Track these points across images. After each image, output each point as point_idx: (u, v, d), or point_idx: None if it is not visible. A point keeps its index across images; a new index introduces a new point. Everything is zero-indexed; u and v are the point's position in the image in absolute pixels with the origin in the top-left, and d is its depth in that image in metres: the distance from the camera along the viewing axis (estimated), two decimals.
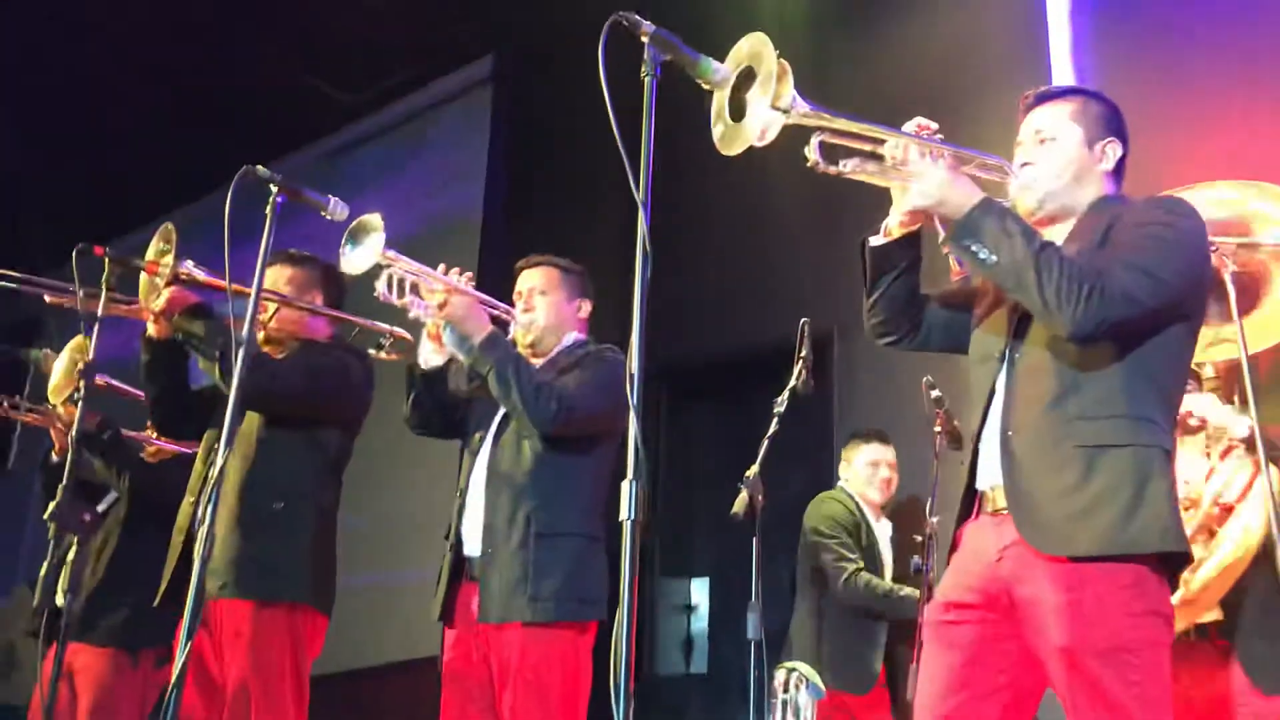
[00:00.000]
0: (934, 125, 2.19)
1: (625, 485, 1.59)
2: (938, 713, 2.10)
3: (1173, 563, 2.06)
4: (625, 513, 1.59)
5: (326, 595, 3.06)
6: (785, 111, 1.94)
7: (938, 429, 3.45)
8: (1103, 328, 2.03)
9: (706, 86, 1.94)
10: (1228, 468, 2.84)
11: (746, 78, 1.95)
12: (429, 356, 3.03)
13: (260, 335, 3.17)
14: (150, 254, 2.94)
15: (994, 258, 2.08)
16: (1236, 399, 2.89)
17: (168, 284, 2.91)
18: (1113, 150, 2.28)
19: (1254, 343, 2.70)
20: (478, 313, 2.93)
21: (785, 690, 3.23)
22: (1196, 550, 2.68)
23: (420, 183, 7.20)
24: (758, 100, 1.93)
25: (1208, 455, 2.88)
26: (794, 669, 3.28)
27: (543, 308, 3.12)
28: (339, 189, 7.78)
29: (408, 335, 3.25)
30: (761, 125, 1.92)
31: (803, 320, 3.55)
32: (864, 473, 4.14)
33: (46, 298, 3.30)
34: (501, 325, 3.04)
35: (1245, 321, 2.70)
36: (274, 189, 2.39)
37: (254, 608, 2.91)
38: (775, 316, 3.70)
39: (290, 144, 8.18)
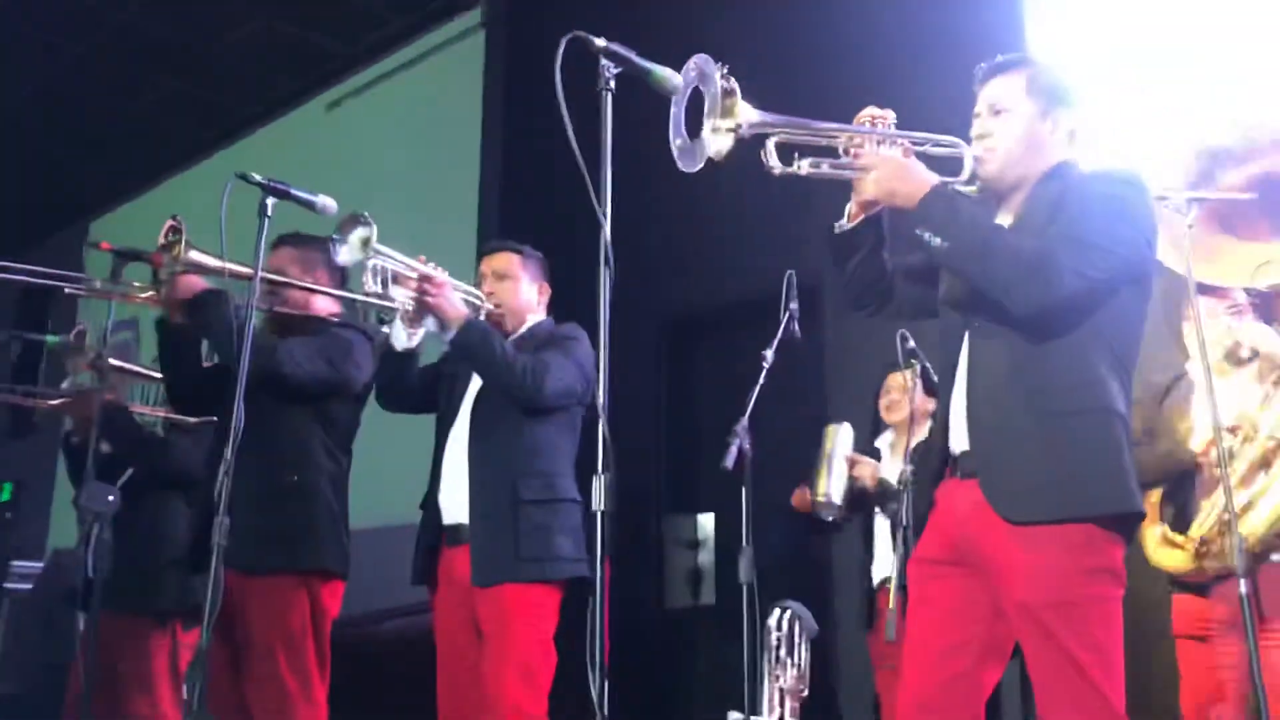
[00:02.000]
0: (888, 114, 2.28)
1: (595, 480, 1.74)
2: (923, 661, 2.26)
3: (1127, 522, 2.18)
4: (596, 503, 1.74)
5: (341, 559, 3.22)
6: (735, 129, 2.05)
7: (911, 383, 3.56)
8: (1051, 306, 2.14)
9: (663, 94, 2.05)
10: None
11: (696, 94, 2.05)
12: (402, 338, 3.19)
13: (270, 317, 3.32)
14: (159, 243, 3.04)
15: (942, 242, 2.18)
16: None
17: (178, 272, 3.01)
18: (1065, 119, 2.35)
19: None
20: (454, 298, 3.07)
21: (779, 630, 3.38)
22: (1259, 481, 2.73)
23: (415, 133, 7.25)
24: (710, 121, 2.04)
25: (1261, 383, 2.85)
26: (788, 608, 3.43)
27: (506, 291, 3.30)
28: (335, 142, 7.88)
29: (409, 308, 3.39)
30: (716, 146, 2.03)
31: (788, 272, 3.68)
32: (881, 402, 4.28)
33: (66, 289, 3.43)
34: (471, 308, 3.19)
35: None
36: (263, 193, 2.50)
37: (274, 576, 3.08)
38: (773, 262, 3.82)
39: (286, 99, 8.24)
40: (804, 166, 2.22)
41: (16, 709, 4.47)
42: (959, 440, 2.29)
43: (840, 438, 3.81)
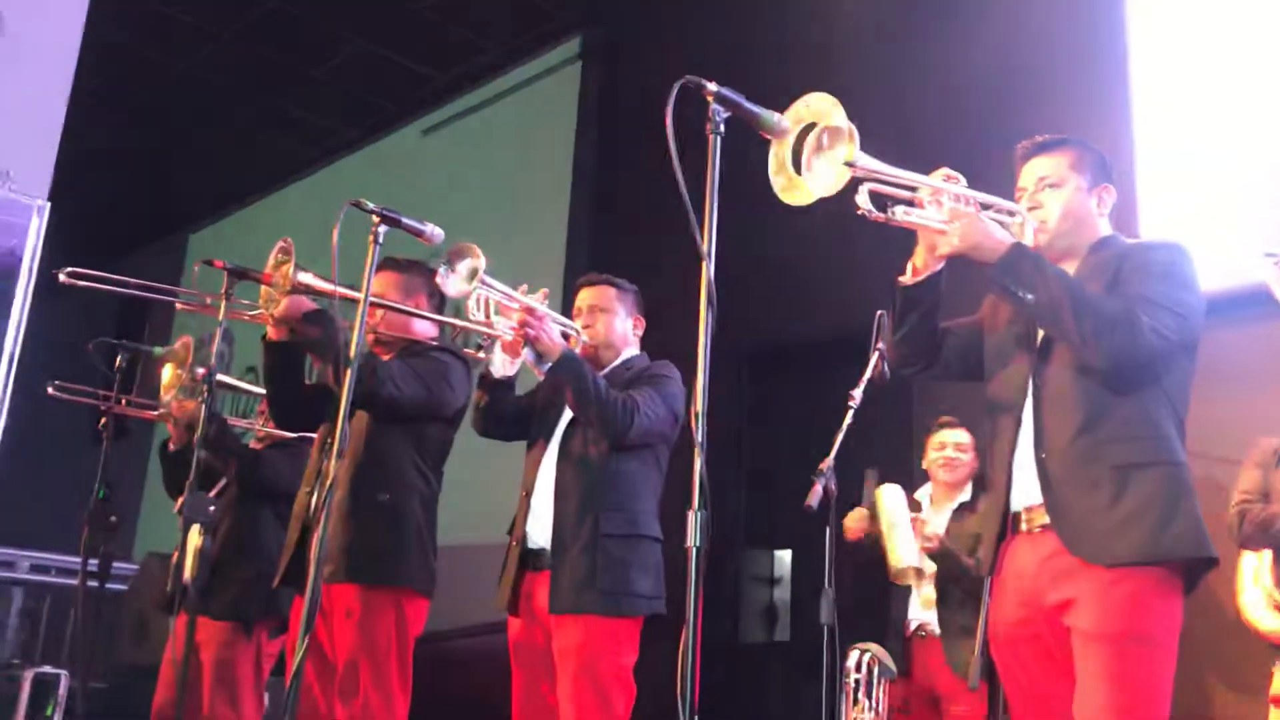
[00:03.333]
0: (959, 176, 2.38)
1: (690, 515, 1.76)
2: (1032, 705, 2.35)
3: (1196, 569, 2.27)
4: (691, 539, 1.76)
5: (427, 578, 3.28)
6: (851, 167, 2.09)
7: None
8: (1134, 359, 2.25)
9: (767, 138, 2.08)
10: None
11: (808, 131, 2.09)
12: (501, 367, 3.25)
13: (369, 338, 3.41)
14: (269, 264, 3.13)
15: (1031, 296, 2.27)
16: None
17: (286, 292, 3.10)
18: (1108, 196, 2.51)
19: None
20: (553, 331, 3.13)
21: (858, 671, 3.36)
22: None
23: (508, 161, 7.37)
24: (826, 157, 2.08)
25: None
26: (867, 650, 3.41)
27: (602, 324, 3.35)
28: (430, 167, 8.05)
29: (506, 336, 3.46)
30: (829, 182, 2.07)
31: (879, 313, 3.67)
32: (932, 456, 4.27)
33: (178, 304, 3.55)
34: (565, 339, 3.24)
35: None
36: (375, 220, 2.58)
37: (362, 591, 3.15)
38: (858, 300, 3.82)
39: (383, 123, 8.42)
40: (898, 214, 2.29)
41: (105, 707, 4.60)
42: (1025, 496, 2.36)
43: (896, 502, 3.79)
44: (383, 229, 2.60)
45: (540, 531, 3.17)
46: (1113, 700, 2.14)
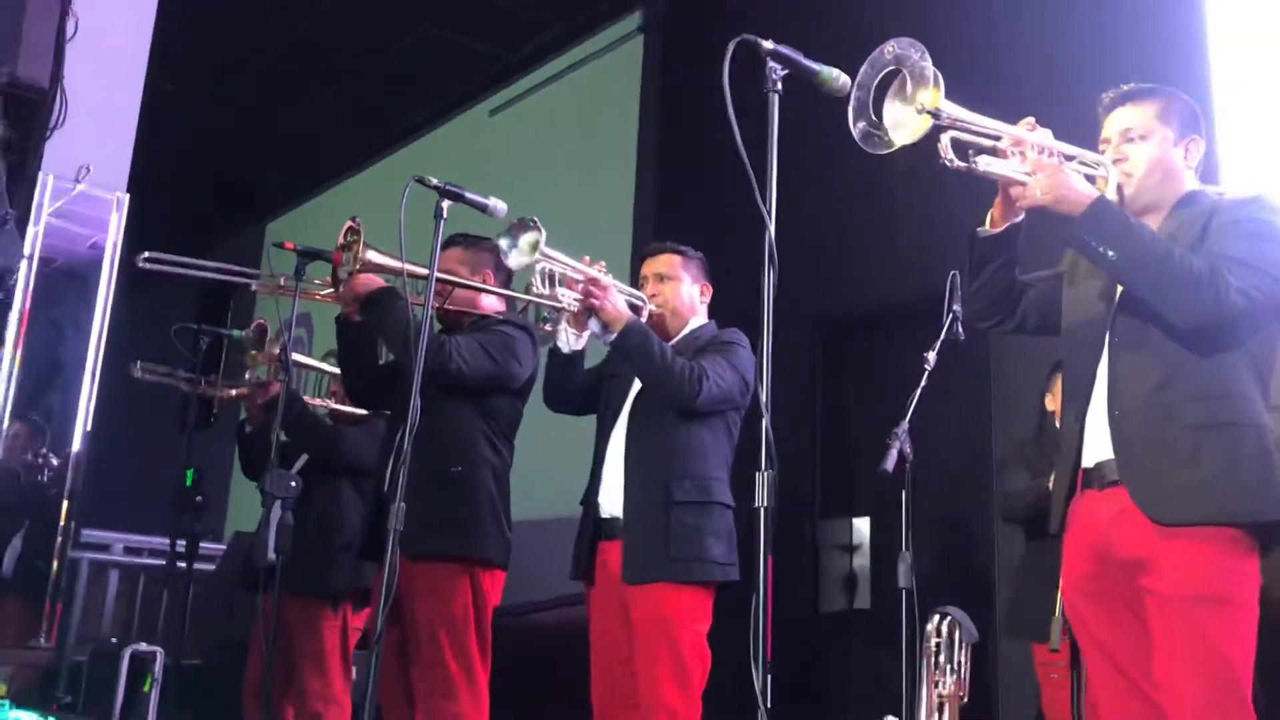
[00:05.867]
0: (1044, 128, 2.31)
1: (759, 476, 1.76)
2: (1103, 673, 2.31)
3: (1273, 531, 2.21)
4: (760, 499, 1.76)
5: (503, 549, 3.31)
6: (936, 115, 2.06)
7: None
8: (1218, 320, 2.19)
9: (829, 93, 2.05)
10: None
11: (889, 79, 2.06)
12: (568, 341, 3.26)
13: (437, 314, 3.45)
14: (339, 243, 3.17)
15: (1113, 253, 2.22)
16: None
17: (356, 271, 3.13)
18: (1195, 148, 2.43)
19: None
20: (618, 301, 3.13)
21: (938, 635, 3.33)
22: None
23: (574, 136, 7.39)
24: (909, 103, 2.05)
25: None
26: (948, 614, 3.38)
27: (668, 291, 3.34)
28: (497, 146, 8.10)
29: (572, 308, 3.48)
30: (912, 128, 2.04)
31: (952, 273, 3.62)
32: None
33: (253, 286, 3.63)
34: (634, 309, 3.23)
35: None
36: (439, 196, 2.60)
37: (440, 563, 3.19)
38: (934, 263, 3.77)
39: (451, 105, 8.49)
40: (980, 163, 2.23)
41: (199, 682, 4.74)
42: (1097, 451, 2.32)
43: None
44: (446, 204, 2.62)
45: (612, 501, 3.19)
46: (1192, 661, 2.10)
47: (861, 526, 5.46)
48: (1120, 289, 2.35)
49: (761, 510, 1.75)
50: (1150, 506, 2.19)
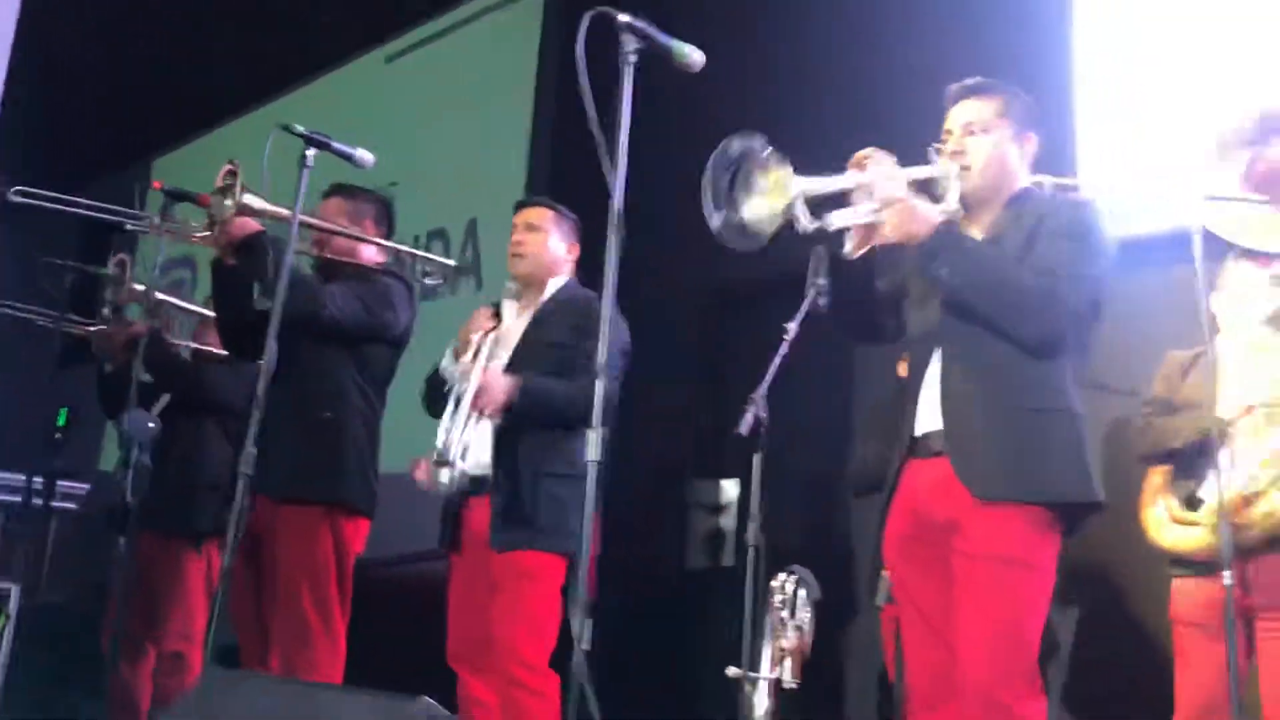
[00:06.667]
0: (882, 155, 2.43)
1: (590, 433, 1.85)
2: (914, 626, 2.51)
3: (1081, 511, 2.40)
4: (590, 455, 1.85)
5: (367, 497, 3.35)
6: (790, 208, 2.22)
7: None
8: (1054, 339, 2.37)
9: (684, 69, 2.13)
10: None
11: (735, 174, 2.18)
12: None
13: (318, 263, 3.49)
14: (216, 186, 3.15)
15: (955, 279, 2.37)
16: None
17: (232, 215, 3.12)
18: (1030, 145, 2.57)
19: None
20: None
21: (783, 592, 3.46)
22: None
23: (472, 89, 7.35)
24: (765, 195, 2.24)
25: None
26: (794, 572, 3.51)
27: (535, 242, 3.39)
28: (393, 94, 7.94)
29: (450, 263, 3.53)
30: (773, 219, 2.24)
31: (816, 248, 3.74)
32: None
33: (126, 225, 3.59)
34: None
35: None
36: (305, 144, 2.63)
37: (301, 506, 3.23)
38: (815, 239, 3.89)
39: (347, 50, 8.37)
40: (833, 221, 2.37)
41: (61, 619, 4.71)
42: (926, 423, 2.48)
43: None
44: (312, 152, 2.65)
45: (478, 460, 3.22)
46: (989, 616, 2.27)
47: (730, 488, 5.61)
48: None
49: (590, 464, 1.84)
50: (970, 480, 2.34)
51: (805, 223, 2.30)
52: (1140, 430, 3.13)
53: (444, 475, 3.00)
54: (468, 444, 3.07)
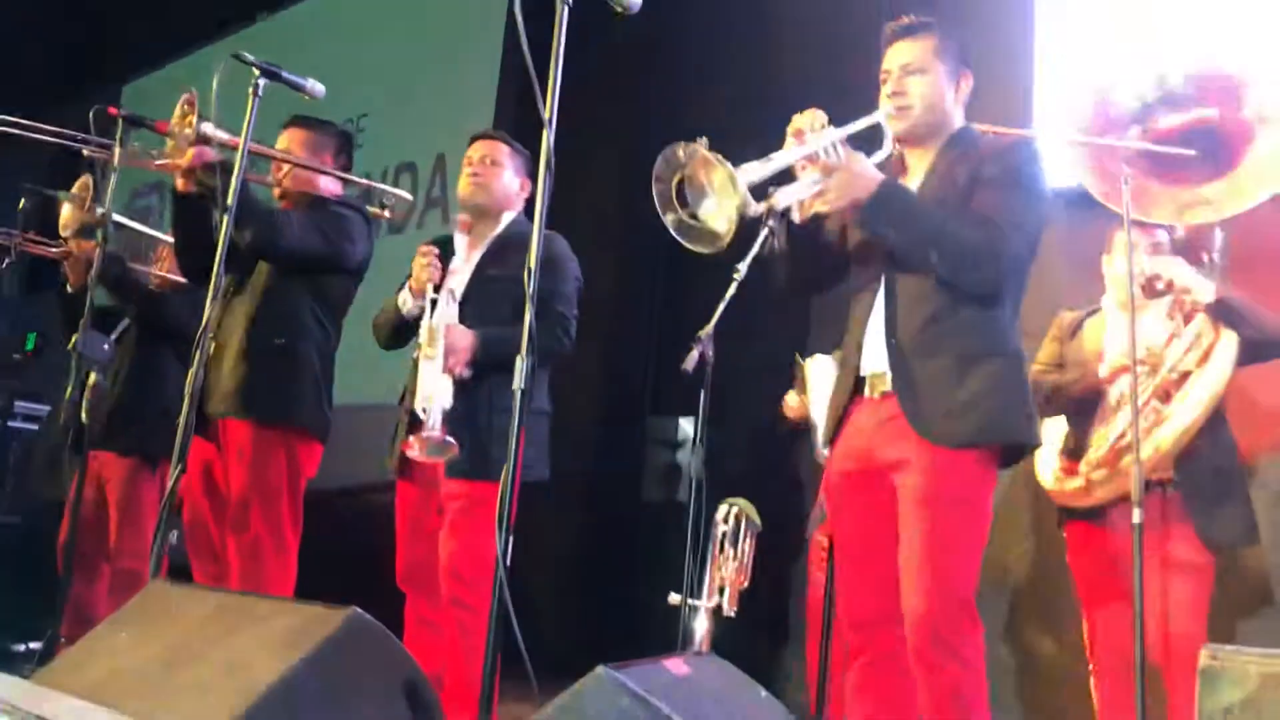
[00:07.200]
0: (818, 115, 2.48)
1: (519, 360, 1.92)
2: (851, 555, 2.57)
3: (1022, 451, 2.51)
4: (518, 383, 1.93)
5: (321, 422, 3.41)
6: (744, 207, 2.25)
7: None
8: (995, 288, 2.43)
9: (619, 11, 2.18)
10: (1190, 332, 3.00)
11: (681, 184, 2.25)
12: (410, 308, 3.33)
13: (277, 192, 3.53)
14: (174, 117, 3.17)
15: (897, 236, 2.43)
16: (1206, 261, 3.05)
17: (191, 144, 3.15)
18: (965, 84, 2.61)
19: (1230, 204, 2.74)
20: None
21: (725, 523, 3.57)
22: (1158, 410, 2.95)
23: (441, 23, 7.31)
24: (713, 198, 2.27)
25: (1170, 319, 3.04)
26: (734, 504, 3.61)
27: (490, 175, 3.39)
28: (362, 25, 7.84)
29: (408, 196, 3.57)
30: (729, 216, 2.25)
31: (771, 189, 3.80)
32: None
33: (85, 152, 3.61)
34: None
35: (1222, 182, 2.72)
36: (256, 72, 2.66)
37: (254, 428, 3.28)
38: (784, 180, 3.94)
39: None
40: (779, 200, 2.45)
41: (17, 537, 4.79)
42: (872, 364, 2.53)
43: (821, 376, 3.97)
44: (263, 82, 2.68)
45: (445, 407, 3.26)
46: (934, 554, 2.34)
47: (687, 425, 5.72)
48: None
49: (516, 392, 1.91)
50: (919, 424, 2.40)
51: (753, 208, 2.34)
52: (1034, 386, 3.25)
53: (434, 449, 3.04)
54: (443, 406, 3.11)
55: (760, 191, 2.40)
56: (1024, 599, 4.25)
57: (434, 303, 3.21)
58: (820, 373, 4.04)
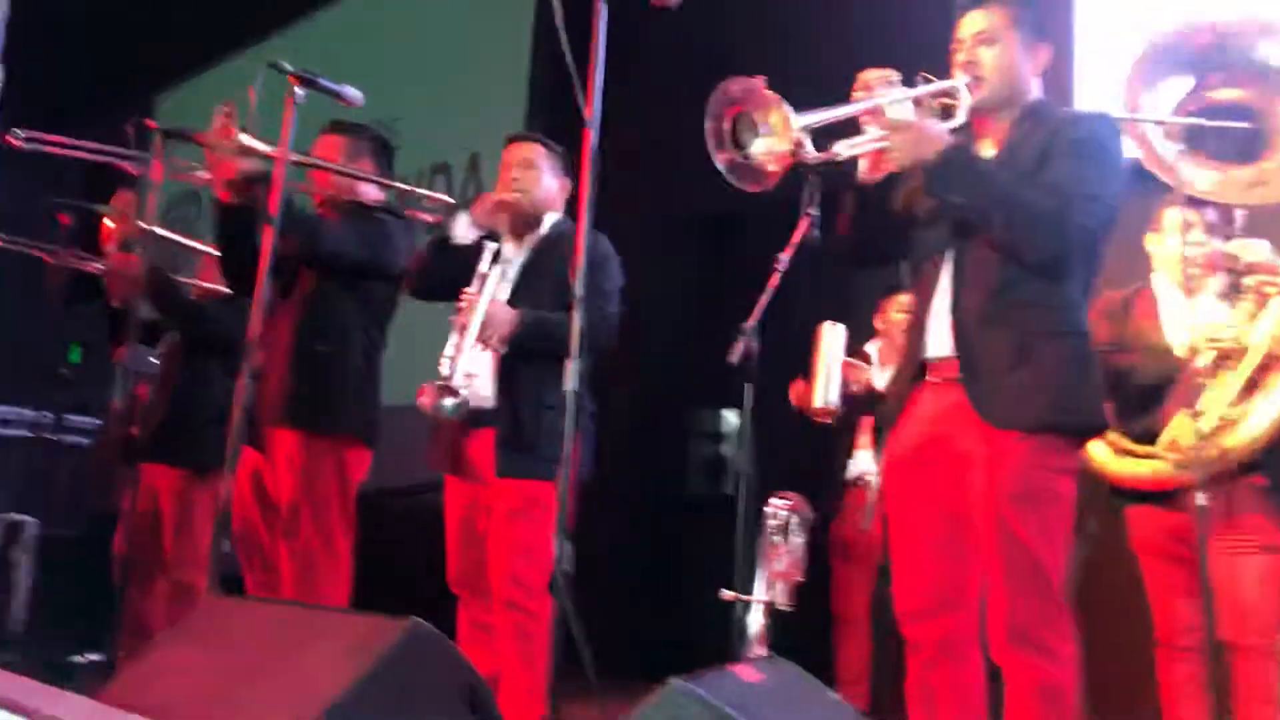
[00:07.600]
0: (890, 73, 2.40)
1: (568, 364, 1.91)
2: (909, 544, 2.49)
3: (1090, 434, 2.46)
4: (570, 384, 1.91)
5: (370, 429, 3.42)
6: (799, 145, 2.22)
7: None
8: (1064, 257, 2.34)
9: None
10: (1273, 315, 2.89)
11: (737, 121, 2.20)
12: (463, 234, 3.27)
13: (316, 199, 3.54)
14: (214, 128, 3.16)
15: (963, 201, 2.35)
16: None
17: (232, 154, 3.14)
18: (1042, 54, 2.53)
19: None
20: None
21: (775, 518, 3.53)
22: (1246, 396, 2.86)
23: (472, 23, 7.31)
24: (768, 133, 2.23)
25: (1227, 300, 2.94)
26: (786, 499, 3.57)
27: (529, 180, 3.36)
28: (392, 27, 7.86)
29: (449, 200, 3.56)
30: (779, 154, 2.22)
31: (809, 176, 3.76)
32: (895, 317, 4.42)
33: (128, 167, 3.63)
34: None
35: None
36: (292, 82, 2.65)
37: (303, 437, 3.29)
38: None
39: None
40: (841, 151, 2.36)
41: (74, 551, 4.84)
42: (938, 347, 2.45)
43: (834, 342, 3.94)
44: (301, 90, 2.67)
45: (481, 393, 3.22)
46: (1016, 552, 2.27)
47: (731, 418, 5.69)
48: None
49: (569, 394, 1.89)
50: (985, 410, 2.32)
51: (812, 155, 2.29)
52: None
53: (448, 402, 3.05)
54: (472, 373, 3.12)
55: (818, 143, 2.34)
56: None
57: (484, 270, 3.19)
58: (831, 341, 4.04)
